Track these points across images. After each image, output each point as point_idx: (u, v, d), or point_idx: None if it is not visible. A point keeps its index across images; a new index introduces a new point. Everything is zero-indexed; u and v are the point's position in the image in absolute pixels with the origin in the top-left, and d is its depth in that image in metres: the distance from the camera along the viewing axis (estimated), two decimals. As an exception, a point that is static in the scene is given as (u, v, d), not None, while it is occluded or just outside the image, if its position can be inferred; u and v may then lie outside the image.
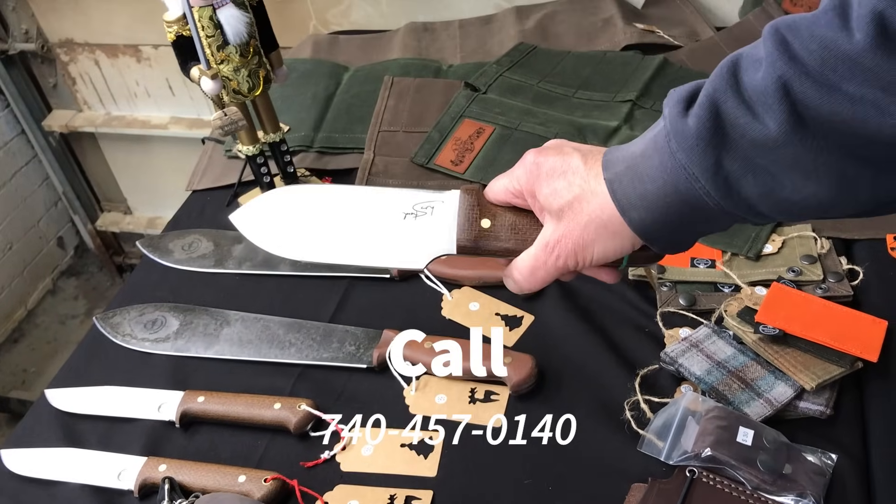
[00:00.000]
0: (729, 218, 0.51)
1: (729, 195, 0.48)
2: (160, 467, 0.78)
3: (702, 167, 0.48)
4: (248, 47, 0.94)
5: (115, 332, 0.96)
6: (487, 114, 1.15)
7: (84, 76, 2.05)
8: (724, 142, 0.47)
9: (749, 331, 0.80)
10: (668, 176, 0.49)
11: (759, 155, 0.46)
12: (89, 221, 2.35)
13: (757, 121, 0.45)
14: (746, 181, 0.47)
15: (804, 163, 0.45)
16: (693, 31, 1.32)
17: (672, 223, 0.51)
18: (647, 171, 0.51)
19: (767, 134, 0.45)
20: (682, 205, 0.50)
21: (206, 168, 1.20)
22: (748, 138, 0.46)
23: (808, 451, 0.72)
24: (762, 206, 0.48)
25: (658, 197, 0.50)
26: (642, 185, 0.51)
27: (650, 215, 0.51)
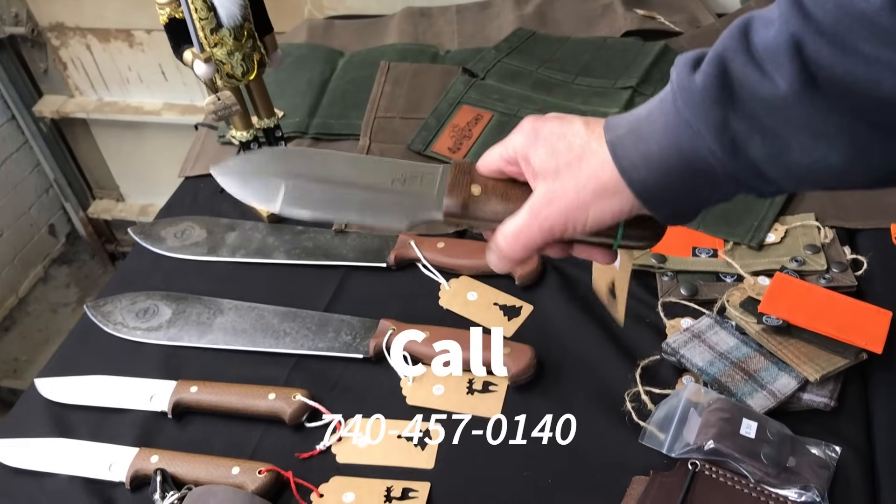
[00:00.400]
0: (734, 184, 0.49)
1: (735, 156, 0.46)
2: (152, 458, 0.77)
3: (707, 124, 0.46)
4: (243, 30, 0.92)
5: (107, 320, 0.94)
6: (486, 100, 1.13)
7: (75, 61, 2.02)
8: (732, 100, 0.45)
9: (752, 321, 0.78)
10: (672, 136, 0.48)
11: (768, 115, 0.45)
12: (81, 209, 2.33)
13: (766, 79, 0.44)
14: (754, 142, 0.46)
15: (814, 124, 0.44)
16: (694, 18, 1.31)
17: (675, 187, 0.50)
18: (651, 132, 0.49)
19: (776, 93, 0.44)
20: (686, 166, 0.48)
21: (200, 154, 1.19)
22: (757, 97, 0.45)
23: (811, 444, 0.71)
24: (769, 170, 0.47)
25: (661, 158, 0.49)
26: (645, 146, 0.49)
27: (652, 177, 0.49)
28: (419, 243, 0.95)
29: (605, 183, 0.51)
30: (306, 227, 1.02)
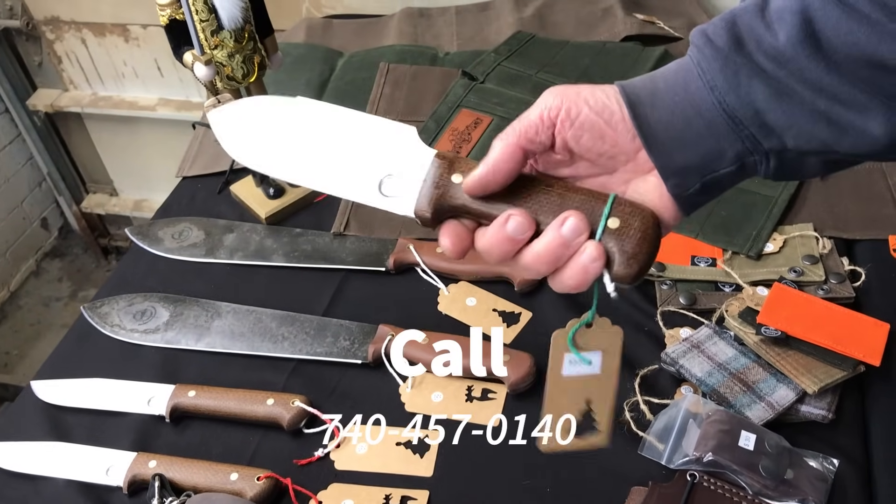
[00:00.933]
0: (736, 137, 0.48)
1: (736, 89, 0.48)
2: (150, 463, 0.77)
3: (713, 58, 0.48)
4: (244, 32, 0.91)
5: (104, 322, 0.94)
6: (485, 104, 1.13)
7: (70, 55, 2.01)
8: (739, 48, 0.48)
9: (751, 332, 0.79)
10: (681, 75, 0.49)
11: (772, 66, 0.47)
12: (74, 203, 2.32)
13: (769, 33, 0.47)
14: (757, 82, 0.48)
15: (813, 79, 0.46)
16: (693, 23, 1.30)
17: (677, 128, 0.49)
18: (662, 73, 0.51)
19: (776, 45, 0.46)
20: (689, 106, 0.49)
21: (197, 154, 1.18)
22: (762, 49, 0.47)
23: (809, 456, 0.71)
24: (769, 114, 0.48)
25: (668, 95, 0.49)
26: (653, 84, 0.50)
27: (656, 112, 0.49)
28: (418, 248, 0.95)
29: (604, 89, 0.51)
30: (305, 230, 1.02)
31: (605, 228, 0.49)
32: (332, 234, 1.01)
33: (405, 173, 0.52)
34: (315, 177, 0.54)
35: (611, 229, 0.49)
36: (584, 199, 0.50)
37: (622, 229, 0.49)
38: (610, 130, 0.50)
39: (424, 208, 0.51)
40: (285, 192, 1.06)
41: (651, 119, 0.50)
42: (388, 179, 0.53)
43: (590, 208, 0.49)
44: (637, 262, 0.49)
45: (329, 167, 0.54)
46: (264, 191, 1.05)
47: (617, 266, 0.49)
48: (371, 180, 0.53)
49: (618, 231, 0.49)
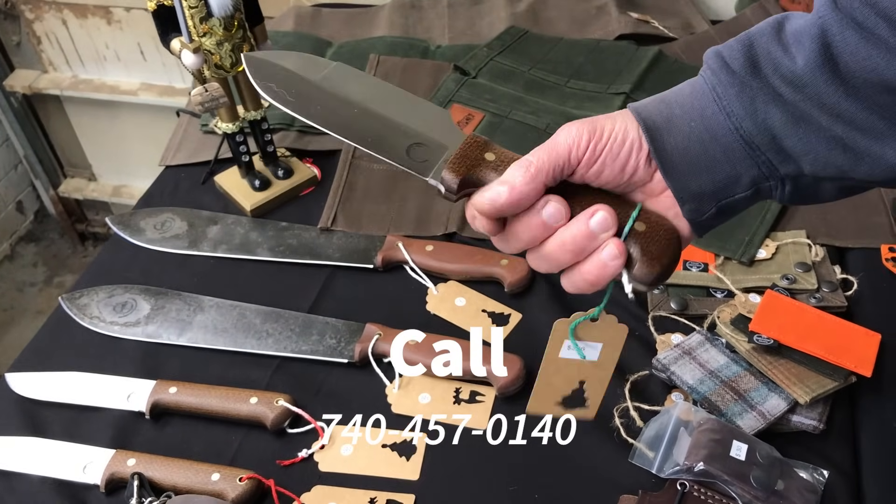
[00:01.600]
0: (751, 162, 0.48)
1: (753, 115, 0.48)
2: (129, 461, 0.75)
3: (729, 84, 0.48)
4: (233, 20, 0.89)
5: (82, 313, 0.91)
6: (477, 100, 1.11)
7: (50, 35, 1.96)
8: (755, 72, 0.48)
9: (743, 339, 0.78)
10: (696, 100, 0.49)
11: (788, 91, 0.47)
12: (51, 187, 2.27)
13: (787, 56, 0.46)
14: (774, 108, 0.47)
15: (830, 105, 0.46)
16: (688, 23, 1.30)
17: (694, 154, 0.49)
18: (676, 97, 0.50)
19: (794, 69, 0.46)
20: (705, 132, 0.49)
21: (181, 143, 1.15)
22: (779, 73, 0.47)
23: (800, 467, 0.70)
24: (786, 139, 0.47)
25: (684, 121, 0.49)
26: (669, 109, 0.50)
27: (672, 139, 0.49)
28: (407, 245, 0.93)
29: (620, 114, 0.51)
30: (291, 224, 1.00)
31: (632, 230, 0.49)
32: (318, 228, 0.99)
33: (435, 145, 0.52)
34: (345, 127, 0.54)
35: (637, 231, 0.49)
36: (613, 200, 0.50)
37: (648, 233, 0.49)
38: (630, 160, 0.50)
39: (450, 177, 0.51)
40: (271, 184, 1.03)
41: (668, 145, 0.49)
42: (417, 147, 0.53)
43: (618, 209, 0.50)
44: (659, 264, 0.49)
45: (361, 123, 0.54)
46: (250, 182, 1.03)
47: (638, 266, 0.49)
48: (400, 143, 0.53)
49: (643, 234, 0.49)
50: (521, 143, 1.02)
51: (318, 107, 0.54)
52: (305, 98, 0.54)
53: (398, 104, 0.55)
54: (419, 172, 0.52)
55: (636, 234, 0.49)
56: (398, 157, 0.52)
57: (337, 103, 0.54)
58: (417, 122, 0.54)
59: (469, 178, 0.51)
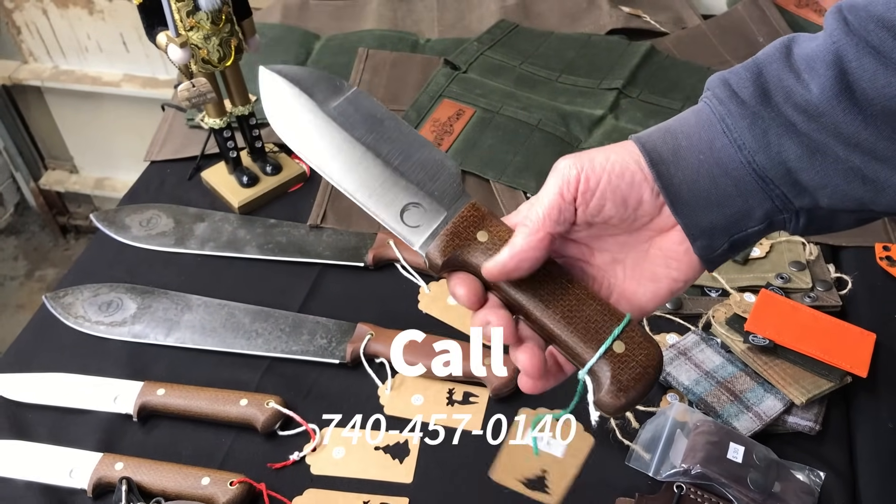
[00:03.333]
0: (765, 196, 0.46)
1: (766, 148, 0.45)
2: (116, 465, 0.73)
3: (740, 116, 0.46)
4: (221, 14, 0.87)
5: (67, 313, 0.89)
6: (468, 95, 1.10)
7: (30, 25, 1.93)
8: (766, 101, 0.45)
9: (738, 339, 0.77)
10: (704, 132, 0.47)
11: (802, 121, 0.44)
12: (32, 179, 2.24)
13: (800, 84, 0.44)
14: (788, 140, 0.45)
15: (847, 134, 0.44)
16: (679, 18, 1.29)
17: (703, 188, 0.47)
18: (681, 128, 0.48)
19: (809, 99, 0.44)
20: (715, 166, 0.46)
21: (167, 137, 1.13)
22: (792, 102, 0.45)
23: (796, 469, 0.70)
24: (801, 172, 0.45)
25: (691, 153, 0.47)
26: (675, 141, 0.47)
27: (680, 172, 0.47)
28: (398, 243, 0.92)
29: (626, 146, 0.48)
30: (280, 221, 0.99)
31: (608, 349, 0.46)
32: (308, 226, 0.97)
33: (432, 209, 0.50)
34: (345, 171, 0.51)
35: (613, 352, 0.46)
36: (597, 311, 0.48)
37: (624, 357, 0.46)
38: (633, 193, 0.48)
39: (436, 254, 0.49)
40: (259, 180, 1.02)
41: (675, 179, 0.47)
42: (412, 208, 0.50)
43: (598, 324, 0.47)
44: (626, 396, 0.46)
45: (362, 167, 0.51)
46: (237, 178, 1.01)
47: (603, 394, 0.46)
48: (398, 200, 0.50)
49: (619, 357, 0.46)
50: (512, 139, 1.01)
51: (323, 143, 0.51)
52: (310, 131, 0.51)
53: (406, 148, 0.52)
54: (408, 241, 0.50)
55: (612, 354, 0.46)
56: (391, 218, 0.50)
57: (343, 141, 0.51)
58: (421, 176, 0.51)
59: (454, 260, 0.49)
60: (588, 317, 0.47)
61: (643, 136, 0.48)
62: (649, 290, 0.50)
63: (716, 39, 1.21)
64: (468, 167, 1.00)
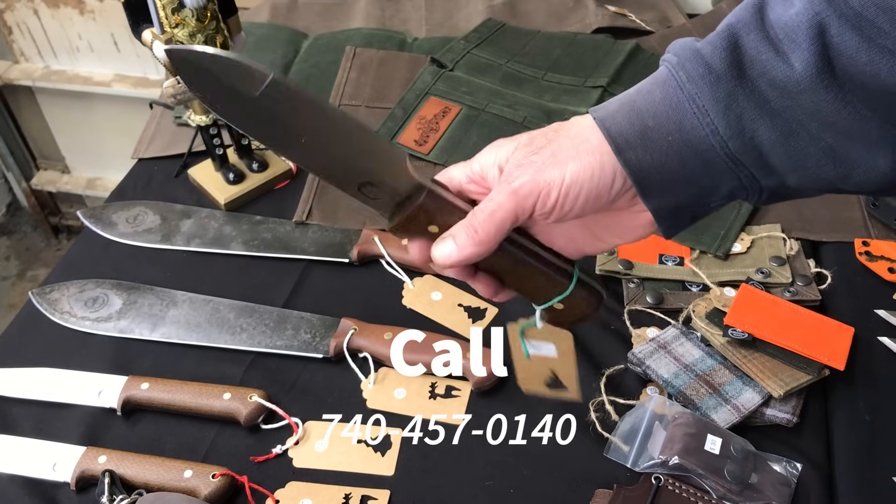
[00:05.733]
0: (733, 175, 0.45)
1: (740, 134, 0.44)
2: (100, 459, 0.73)
3: (714, 99, 0.43)
4: (206, 11, 0.88)
5: (53, 308, 0.90)
6: (454, 93, 1.11)
7: (21, 25, 1.93)
8: (741, 76, 0.43)
9: (717, 333, 0.78)
10: (672, 111, 0.45)
11: (778, 97, 0.42)
12: (24, 179, 2.24)
13: (780, 59, 0.42)
14: (760, 123, 0.43)
15: (825, 113, 0.42)
16: (665, 17, 1.30)
17: (671, 170, 0.45)
18: (647, 105, 0.46)
19: (790, 75, 0.41)
20: (685, 146, 0.45)
21: (154, 135, 1.14)
22: (768, 77, 0.42)
23: (773, 461, 0.71)
24: (773, 156, 0.44)
25: (660, 135, 0.45)
26: (641, 121, 0.45)
27: (649, 156, 0.45)
28: (383, 239, 0.93)
29: (589, 138, 0.47)
30: (265, 218, 0.99)
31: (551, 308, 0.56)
32: (293, 222, 0.98)
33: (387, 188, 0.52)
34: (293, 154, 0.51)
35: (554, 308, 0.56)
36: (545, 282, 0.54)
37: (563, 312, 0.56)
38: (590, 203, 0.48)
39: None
40: (246, 177, 1.02)
41: (644, 164, 0.46)
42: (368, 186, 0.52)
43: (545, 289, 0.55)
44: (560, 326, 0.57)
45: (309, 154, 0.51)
46: (224, 175, 1.02)
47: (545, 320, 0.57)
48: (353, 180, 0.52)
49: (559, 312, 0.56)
50: (497, 137, 1.00)
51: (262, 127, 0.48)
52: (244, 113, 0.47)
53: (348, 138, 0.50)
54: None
55: (552, 309, 0.56)
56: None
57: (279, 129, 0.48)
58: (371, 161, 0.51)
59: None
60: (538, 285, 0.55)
61: (607, 118, 0.46)
62: (596, 247, 0.54)
63: (701, 37, 1.21)
64: (453, 164, 1.00)
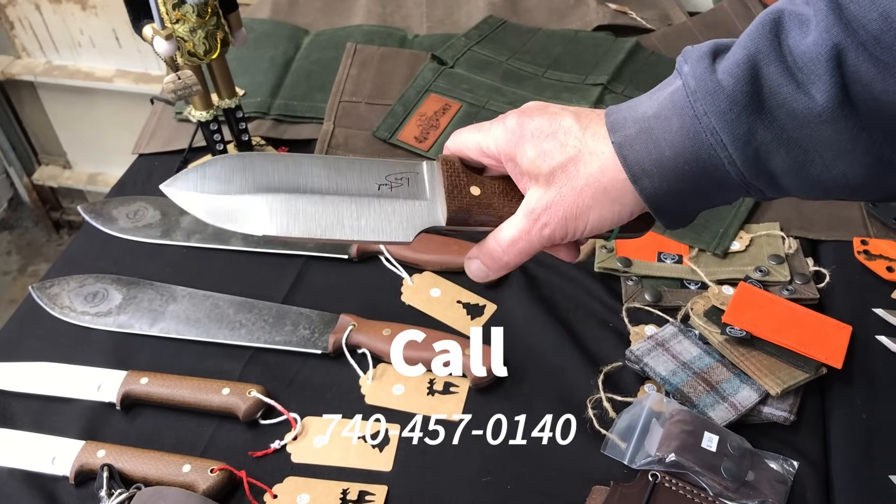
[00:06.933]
0: (742, 190, 0.47)
1: (756, 167, 0.44)
2: (99, 453, 0.74)
3: (733, 134, 0.44)
4: (206, 7, 0.88)
5: (53, 303, 0.90)
6: (454, 89, 1.11)
7: (23, 21, 1.93)
8: (760, 109, 0.43)
9: (715, 331, 0.78)
10: (689, 142, 0.45)
11: (797, 128, 0.42)
12: (25, 174, 2.24)
13: (801, 91, 0.42)
14: (777, 154, 0.44)
15: (842, 141, 0.42)
16: (665, 15, 1.30)
17: (685, 193, 0.47)
18: (664, 135, 0.46)
19: (811, 107, 0.41)
20: (700, 174, 0.46)
21: (155, 130, 1.14)
22: (788, 109, 0.42)
23: (770, 458, 0.71)
24: (785, 182, 0.45)
25: (676, 165, 0.46)
26: (658, 151, 0.46)
27: (664, 184, 0.47)
28: (382, 236, 0.93)
29: (607, 187, 0.49)
30: (265, 214, 0.99)
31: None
32: (293, 218, 0.98)
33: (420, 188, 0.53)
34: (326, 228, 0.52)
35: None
36: None
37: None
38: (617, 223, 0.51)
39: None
40: (246, 173, 1.02)
41: (660, 191, 0.47)
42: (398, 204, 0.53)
43: None
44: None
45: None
46: (224, 171, 1.02)
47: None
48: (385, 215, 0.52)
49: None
50: (497, 134, 1.01)
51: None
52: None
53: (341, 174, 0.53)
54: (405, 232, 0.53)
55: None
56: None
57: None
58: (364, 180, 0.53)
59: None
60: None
61: (625, 144, 0.47)
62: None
63: (701, 36, 1.21)
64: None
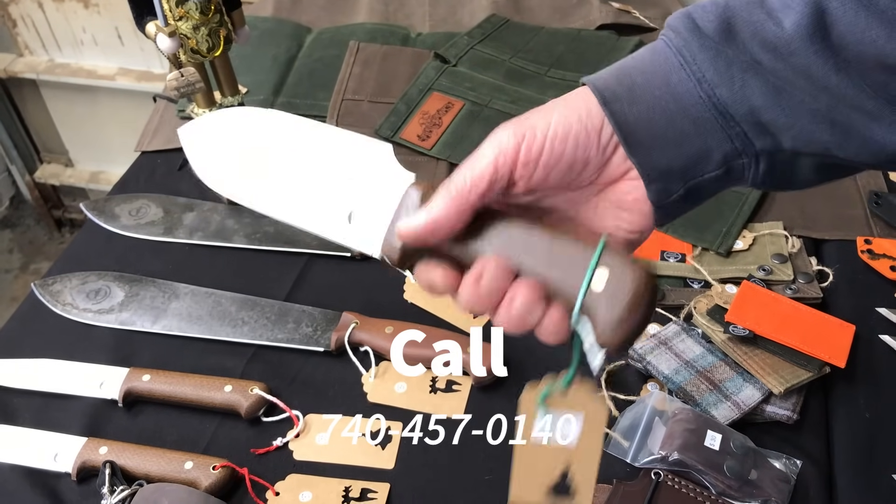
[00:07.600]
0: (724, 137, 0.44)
1: (729, 81, 0.42)
2: (101, 450, 0.74)
3: (700, 47, 0.43)
4: (210, 4, 0.88)
5: (55, 300, 0.90)
6: (457, 88, 1.11)
7: (26, 19, 1.93)
8: (731, 35, 0.42)
9: (718, 330, 0.78)
10: (659, 66, 0.44)
11: (769, 59, 0.41)
12: (27, 172, 2.24)
13: (771, 20, 0.41)
14: (752, 76, 0.42)
15: (817, 76, 0.40)
16: (668, 13, 1.28)
17: (659, 126, 0.44)
18: (636, 64, 0.45)
19: (780, 35, 0.40)
20: (672, 102, 0.43)
21: (158, 128, 1.14)
22: (759, 38, 0.41)
23: (773, 457, 0.71)
24: (766, 110, 0.43)
25: (647, 90, 0.44)
26: (629, 78, 0.44)
27: (635, 108, 0.43)
28: (385, 234, 0.93)
29: (575, 94, 0.45)
30: (268, 211, 0.99)
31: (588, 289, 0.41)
32: (295, 216, 0.98)
33: (376, 204, 0.48)
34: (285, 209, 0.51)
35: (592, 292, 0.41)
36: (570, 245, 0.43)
37: (610, 286, 0.40)
38: (578, 156, 0.44)
39: (391, 247, 0.46)
40: (249, 171, 1.02)
41: (630, 117, 0.44)
42: (357, 212, 0.49)
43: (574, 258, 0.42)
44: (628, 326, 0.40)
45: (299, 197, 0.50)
46: (227, 169, 1.02)
47: (600, 333, 0.41)
48: (341, 213, 0.49)
49: (604, 291, 0.41)
50: (500, 132, 1.01)
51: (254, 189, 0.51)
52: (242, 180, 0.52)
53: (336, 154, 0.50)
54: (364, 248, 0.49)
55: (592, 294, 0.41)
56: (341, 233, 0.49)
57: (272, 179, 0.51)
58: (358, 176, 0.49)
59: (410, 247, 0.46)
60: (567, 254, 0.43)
61: (596, 78, 0.45)
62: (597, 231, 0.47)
63: (705, 35, 1.21)
64: (456, 160, 1.01)
